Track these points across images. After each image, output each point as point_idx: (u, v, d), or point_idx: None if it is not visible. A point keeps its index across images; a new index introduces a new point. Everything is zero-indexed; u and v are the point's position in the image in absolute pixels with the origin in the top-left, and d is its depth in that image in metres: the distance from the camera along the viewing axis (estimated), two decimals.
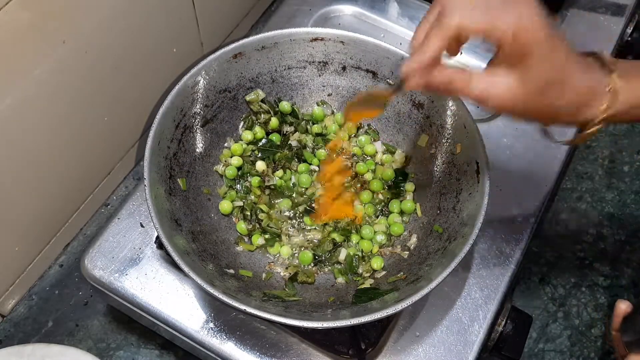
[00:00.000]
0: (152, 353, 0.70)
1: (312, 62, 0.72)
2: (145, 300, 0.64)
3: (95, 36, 0.61)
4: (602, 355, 0.79)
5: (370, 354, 0.63)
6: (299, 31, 0.70)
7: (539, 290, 0.82)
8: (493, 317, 0.66)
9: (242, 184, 0.70)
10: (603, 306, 0.82)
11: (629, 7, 0.90)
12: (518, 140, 0.77)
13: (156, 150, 0.62)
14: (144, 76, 0.72)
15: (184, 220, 0.62)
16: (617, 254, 0.85)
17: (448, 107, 0.67)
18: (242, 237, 0.67)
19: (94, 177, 0.75)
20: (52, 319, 0.71)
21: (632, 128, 0.96)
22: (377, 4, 0.89)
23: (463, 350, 0.63)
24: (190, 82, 0.66)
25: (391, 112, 0.73)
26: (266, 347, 0.63)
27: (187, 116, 0.67)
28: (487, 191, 0.60)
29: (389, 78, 0.71)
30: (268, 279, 0.64)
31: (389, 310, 0.54)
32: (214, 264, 0.61)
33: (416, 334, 0.64)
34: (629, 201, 0.89)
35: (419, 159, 0.71)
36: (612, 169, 0.92)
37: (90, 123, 0.68)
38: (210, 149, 0.70)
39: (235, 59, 0.69)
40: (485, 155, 0.62)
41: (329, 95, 0.75)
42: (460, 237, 0.59)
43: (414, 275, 0.61)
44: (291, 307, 0.60)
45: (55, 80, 0.59)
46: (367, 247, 0.67)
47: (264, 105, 0.72)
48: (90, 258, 0.67)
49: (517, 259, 0.69)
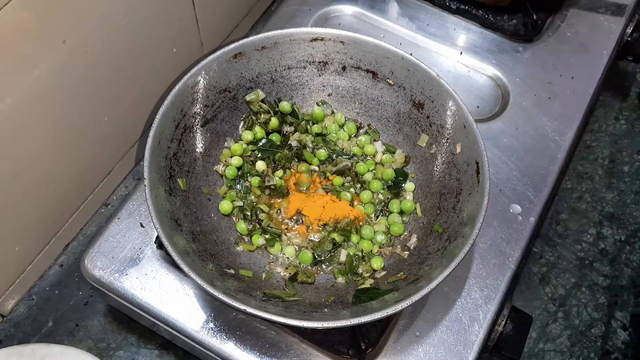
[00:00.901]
0: (152, 353, 0.70)
1: (312, 62, 0.72)
2: (145, 300, 0.64)
3: (95, 36, 0.61)
4: (602, 355, 0.79)
5: (370, 354, 0.63)
6: (299, 31, 0.70)
7: (539, 290, 0.82)
8: (493, 317, 0.66)
9: (242, 184, 0.70)
10: (603, 306, 0.82)
11: (629, 7, 0.90)
12: (518, 140, 0.78)
13: (156, 150, 0.62)
14: (144, 76, 0.72)
15: (183, 220, 0.62)
16: (617, 254, 0.85)
17: (448, 107, 0.67)
18: (242, 237, 0.67)
19: (94, 177, 0.75)
20: (52, 319, 0.71)
21: (632, 128, 0.96)
22: (377, 4, 0.89)
23: (463, 350, 0.63)
24: (190, 82, 0.66)
25: (391, 112, 0.73)
26: (266, 347, 0.63)
27: (187, 116, 0.67)
28: (487, 191, 0.60)
29: (389, 78, 0.71)
30: (268, 279, 0.64)
31: (389, 310, 0.54)
32: (214, 264, 0.61)
33: (416, 334, 0.64)
34: (629, 201, 0.89)
35: (419, 159, 0.71)
36: (612, 169, 0.92)
37: (90, 123, 0.68)
38: (210, 149, 0.70)
39: (235, 59, 0.69)
40: (485, 155, 0.62)
41: (329, 95, 0.75)
42: (460, 237, 0.59)
43: (414, 275, 0.61)
44: (291, 307, 0.60)
45: (55, 80, 0.59)
46: (367, 247, 0.67)
47: (264, 105, 0.72)
48: (90, 258, 0.67)
49: (517, 259, 0.69)
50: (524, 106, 0.80)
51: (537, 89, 0.82)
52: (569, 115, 0.80)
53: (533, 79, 0.83)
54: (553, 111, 0.80)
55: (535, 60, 0.84)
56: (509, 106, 0.80)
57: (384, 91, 0.72)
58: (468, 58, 0.85)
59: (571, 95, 0.82)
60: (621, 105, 0.98)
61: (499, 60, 0.84)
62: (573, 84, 0.82)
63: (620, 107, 0.98)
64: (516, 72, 0.83)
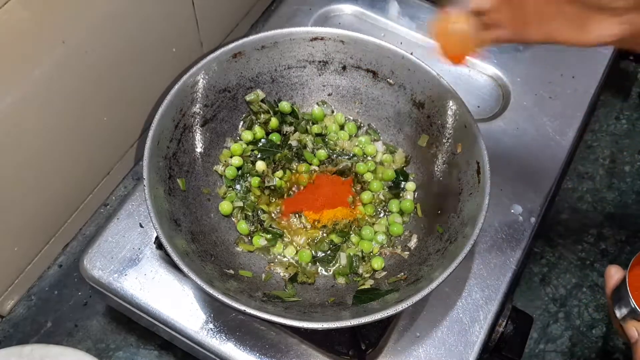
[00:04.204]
0: (151, 354, 0.70)
1: (312, 62, 0.72)
2: (144, 300, 0.64)
3: (95, 36, 0.61)
4: (603, 355, 0.79)
5: (370, 355, 0.63)
6: (298, 30, 0.70)
7: (539, 290, 0.82)
8: (494, 317, 0.65)
9: (242, 184, 0.70)
10: (604, 307, 0.81)
11: None
12: (518, 140, 0.77)
13: (155, 150, 0.61)
14: (144, 76, 0.72)
15: (183, 220, 0.62)
16: (618, 254, 0.85)
17: (449, 107, 0.67)
18: (242, 237, 0.67)
19: (93, 177, 0.75)
20: (51, 319, 0.71)
21: (633, 128, 0.96)
22: (377, 3, 0.89)
23: (464, 351, 0.63)
24: (190, 82, 0.66)
25: (391, 111, 0.73)
26: (266, 348, 0.62)
27: (187, 116, 0.67)
28: (488, 191, 0.60)
29: (389, 77, 0.71)
30: (268, 279, 0.64)
31: (390, 311, 0.53)
32: (214, 264, 0.61)
33: (417, 334, 0.64)
34: (630, 201, 0.89)
35: (419, 159, 0.71)
36: (613, 169, 0.92)
37: (89, 123, 0.68)
38: (209, 149, 0.70)
39: (235, 59, 0.68)
40: (485, 155, 0.62)
41: (329, 95, 0.74)
42: (460, 238, 0.59)
43: (415, 276, 0.61)
44: (291, 308, 0.59)
45: (55, 80, 0.59)
46: (367, 247, 0.66)
47: (263, 105, 0.72)
48: (89, 258, 0.66)
49: (518, 259, 0.69)
50: (525, 106, 0.80)
51: (538, 89, 0.82)
52: (569, 115, 0.80)
53: (534, 78, 0.83)
54: (554, 111, 0.80)
55: (536, 60, 0.84)
56: (509, 106, 0.80)
57: (384, 91, 0.72)
58: (468, 57, 0.85)
59: (572, 95, 0.81)
60: (622, 105, 0.98)
61: (499, 60, 0.84)
62: (574, 83, 0.82)
63: (621, 107, 0.97)
64: (517, 71, 0.83)
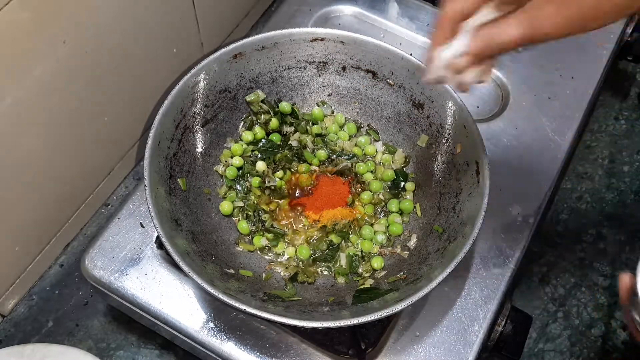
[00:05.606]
0: (152, 353, 0.70)
1: (312, 62, 0.72)
2: (145, 300, 0.64)
3: (95, 36, 0.61)
4: (602, 355, 0.79)
5: (370, 354, 0.63)
6: (299, 31, 0.70)
7: (538, 290, 0.82)
8: (493, 317, 0.66)
9: (243, 184, 0.70)
10: (603, 306, 0.81)
11: None
12: (518, 140, 0.78)
13: (156, 150, 0.62)
14: (144, 76, 0.72)
15: (184, 220, 0.62)
16: (617, 254, 0.85)
17: (448, 107, 0.67)
18: (242, 237, 0.67)
19: (94, 177, 0.75)
20: (52, 318, 0.72)
21: (632, 128, 0.96)
22: (377, 4, 0.89)
23: (463, 350, 0.63)
24: (191, 82, 0.66)
25: (391, 112, 0.73)
26: (266, 347, 0.63)
27: (187, 116, 0.67)
28: (487, 191, 0.60)
29: (389, 78, 0.71)
30: (268, 279, 0.64)
31: (389, 310, 0.54)
32: (214, 264, 0.61)
33: (416, 334, 0.64)
34: (629, 201, 0.89)
35: (419, 159, 0.71)
36: (612, 169, 0.92)
37: (90, 123, 0.68)
38: (210, 149, 0.70)
39: (235, 59, 0.69)
40: (485, 155, 0.62)
41: (329, 95, 0.75)
42: (460, 237, 0.59)
43: (414, 275, 0.61)
44: (291, 307, 0.60)
45: (55, 80, 0.59)
46: (367, 247, 0.67)
47: (264, 105, 0.72)
48: (90, 258, 0.67)
49: (517, 259, 0.69)
50: (524, 106, 0.80)
51: (537, 89, 0.82)
52: (568, 115, 0.80)
53: (533, 79, 0.83)
54: (553, 111, 0.80)
55: (535, 61, 0.84)
56: (508, 106, 0.80)
57: (384, 91, 0.72)
58: None
59: (571, 95, 0.82)
60: (621, 105, 0.98)
61: (498, 60, 0.84)
62: (573, 84, 0.82)
63: (620, 107, 0.98)
64: (516, 72, 0.83)
